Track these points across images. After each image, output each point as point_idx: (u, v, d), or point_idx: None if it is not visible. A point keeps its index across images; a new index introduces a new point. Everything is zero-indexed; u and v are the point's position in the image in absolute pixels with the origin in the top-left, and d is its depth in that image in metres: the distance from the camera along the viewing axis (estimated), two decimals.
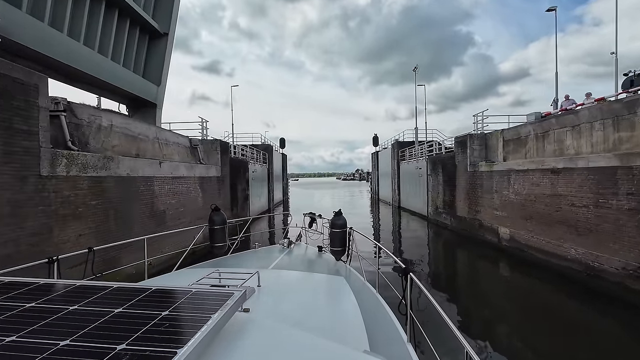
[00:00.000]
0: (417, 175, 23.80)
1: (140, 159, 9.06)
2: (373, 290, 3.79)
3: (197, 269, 4.28)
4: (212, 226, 5.09)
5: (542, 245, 10.26)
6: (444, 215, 18.18)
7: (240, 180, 19.38)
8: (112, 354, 1.07)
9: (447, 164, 17.88)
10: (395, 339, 2.66)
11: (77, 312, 1.39)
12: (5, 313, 1.37)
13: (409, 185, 26.05)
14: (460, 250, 14.42)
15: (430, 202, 20.53)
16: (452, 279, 10.83)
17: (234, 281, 2.58)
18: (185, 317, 1.37)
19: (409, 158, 26.60)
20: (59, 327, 1.26)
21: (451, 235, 16.60)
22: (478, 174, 14.35)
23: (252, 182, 22.83)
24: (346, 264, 4.77)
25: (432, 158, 20.62)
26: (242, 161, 20.37)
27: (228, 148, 16.88)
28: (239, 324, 1.50)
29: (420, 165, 23.03)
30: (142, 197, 8.79)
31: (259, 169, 25.57)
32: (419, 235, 18.78)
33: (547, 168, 9.96)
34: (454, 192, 16.80)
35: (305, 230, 6.36)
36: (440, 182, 18.76)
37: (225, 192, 16.02)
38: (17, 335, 1.19)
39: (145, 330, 1.23)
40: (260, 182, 25.93)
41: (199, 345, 1.14)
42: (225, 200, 15.98)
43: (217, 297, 1.52)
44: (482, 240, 13.89)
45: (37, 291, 1.62)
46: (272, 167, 31.56)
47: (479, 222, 14.23)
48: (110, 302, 1.49)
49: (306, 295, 3.15)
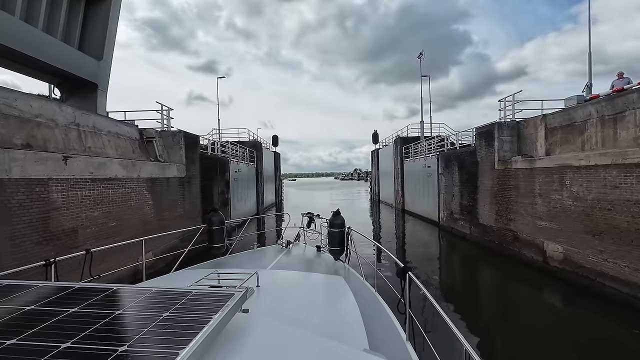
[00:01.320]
0: (424, 175, 20.72)
1: (25, 152, 5.91)
2: (372, 290, 3.78)
3: (195, 269, 4.20)
4: (210, 227, 5.10)
5: (622, 274, 7.19)
6: (461, 222, 15.10)
7: (218, 181, 16.24)
8: (113, 356, 1.08)
9: (465, 161, 14.80)
10: (395, 337, 2.64)
11: (78, 314, 1.39)
12: (6, 316, 1.36)
13: (415, 186, 22.97)
14: (485, 268, 11.32)
15: (443, 205, 17.45)
16: (477, 307, 7.86)
17: (233, 282, 2.54)
18: (186, 318, 1.35)
19: (414, 155, 23.52)
20: (60, 329, 1.26)
21: (471, 248, 13.52)
22: (511, 172, 11.27)
23: (235, 184, 19.72)
24: (345, 264, 4.73)
25: (445, 154, 17.53)
26: (219, 159, 17.23)
27: (197, 142, 13.73)
28: (238, 324, 1.50)
29: (429, 163, 19.95)
30: (23, 211, 5.65)
31: (244, 169, 22.44)
32: (429, 245, 15.72)
33: (634, 163, 6.89)
34: (475, 195, 13.72)
35: (304, 230, 6.29)
36: (456, 182, 15.68)
37: (193, 197, 12.89)
38: (18, 338, 1.19)
39: (146, 331, 1.23)
40: (246, 183, 22.80)
41: (200, 346, 1.14)
42: (193, 206, 12.85)
43: (217, 298, 1.52)
44: (517, 258, 10.83)
45: (36, 294, 1.61)
46: (262, 166, 28.41)
47: (513, 234, 11.16)
48: (110, 304, 1.50)
49: (305, 295, 3.14)
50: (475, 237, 13.76)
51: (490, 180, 12.48)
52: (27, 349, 1.12)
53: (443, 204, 17.44)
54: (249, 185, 23.87)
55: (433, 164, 19.08)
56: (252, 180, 25.17)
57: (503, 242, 11.72)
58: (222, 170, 17.03)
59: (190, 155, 12.72)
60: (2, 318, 1.35)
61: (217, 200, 15.89)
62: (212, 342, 1.26)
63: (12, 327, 1.27)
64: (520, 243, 10.84)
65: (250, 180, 24.73)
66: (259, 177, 27.32)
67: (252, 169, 25.43)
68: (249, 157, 25.27)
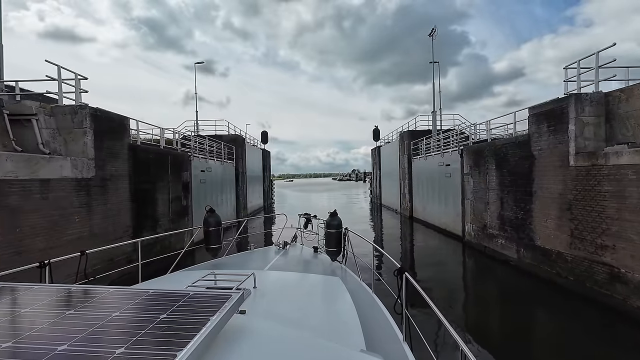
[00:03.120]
0: (441, 175, 16.53)
1: None
2: (369, 290, 3.71)
3: (192, 271, 4.14)
4: (207, 228, 5.00)
5: None
6: (502, 240, 10.90)
7: (168, 184, 11.95)
8: (110, 358, 1.07)
9: (508, 156, 10.61)
10: (391, 338, 2.65)
11: (74, 317, 1.37)
12: (1, 319, 1.35)
13: (427, 189, 18.77)
14: (553, 319, 7.03)
15: (470, 216, 13.25)
16: None
17: (229, 283, 2.46)
18: (183, 320, 1.34)
19: (426, 152, 19.32)
20: (56, 331, 1.25)
21: (520, 280, 9.33)
22: (603, 172, 7.09)
23: (201, 187, 15.44)
24: (342, 265, 4.69)
25: (473, 149, 13.33)
26: (172, 155, 12.89)
27: (124, 128, 9.42)
28: (236, 326, 1.49)
29: (448, 160, 15.76)
30: None
31: (216, 168, 18.15)
32: (450, 268, 11.59)
33: None
34: (528, 204, 9.54)
35: (301, 231, 6.23)
36: (493, 184, 11.49)
37: (114, 207, 8.60)
38: (14, 341, 1.17)
39: (143, 333, 1.22)
40: (219, 186, 18.52)
41: (197, 348, 1.13)
42: (114, 221, 8.56)
43: (215, 300, 1.51)
44: (618, 309, 6.65)
45: (32, 296, 1.60)
46: (244, 165, 24.14)
47: (609, 270, 6.97)
48: (107, 306, 1.48)
49: (302, 296, 3.14)
50: (528, 265, 9.56)
51: (560, 183, 8.28)
52: (23, 352, 1.11)
53: (471, 213, 13.23)
54: (224, 188, 19.58)
55: (454, 162, 14.89)
56: (229, 182, 20.87)
57: (587, 279, 7.51)
58: (176, 169, 12.73)
59: (109, 145, 8.43)
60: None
61: (165, 209, 11.60)
62: (209, 343, 1.25)
63: (7, 330, 1.25)
64: (625, 286, 6.64)
65: (227, 181, 20.44)
66: (241, 178, 23.03)
67: (229, 169, 21.13)
68: (227, 154, 21.01)
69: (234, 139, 22.90)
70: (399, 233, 19.56)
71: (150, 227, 10.47)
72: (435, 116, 20.73)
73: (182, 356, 1.06)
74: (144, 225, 10.14)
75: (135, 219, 9.68)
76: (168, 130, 13.81)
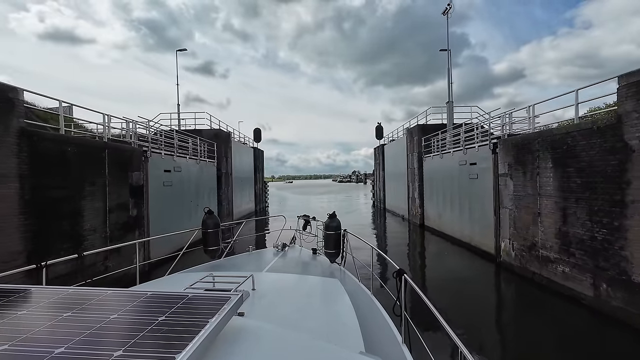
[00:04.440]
0: (463, 176, 13.42)
1: None
2: (367, 292, 3.69)
3: (190, 272, 4.03)
4: (205, 229, 4.91)
5: None
6: (566, 268, 7.74)
7: (100, 188, 8.80)
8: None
9: (577, 150, 7.46)
10: (390, 340, 2.64)
11: (72, 319, 1.35)
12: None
13: (443, 193, 15.64)
14: None
15: (510, 230, 10.10)
16: None
17: (228, 285, 2.44)
18: (182, 322, 1.32)
19: (441, 148, 16.20)
20: (53, 334, 1.23)
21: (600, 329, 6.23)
22: None
23: (164, 191, 12.27)
24: (340, 266, 4.65)
25: (513, 141, 10.16)
26: (110, 148, 9.68)
27: (9, 103, 6.26)
28: (234, 328, 1.47)
29: (473, 157, 12.62)
30: None
31: (190, 167, 15.02)
32: (481, 297, 8.60)
33: None
34: (620, 218, 6.42)
35: (300, 233, 6.20)
36: (548, 189, 8.34)
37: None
38: (10, 344, 1.15)
39: (142, 336, 1.20)
40: (192, 189, 15.37)
41: (196, 350, 1.11)
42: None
43: (214, 302, 1.49)
44: None
45: (29, 298, 1.57)
46: (230, 165, 21.05)
47: None
48: (105, 308, 1.45)
49: (301, 298, 3.12)
50: (614, 309, 6.41)
51: None
52: (20, 354, 1.09)
53: (510, 226, 10.08)
54: (201, 192, 16.44)
55: (483, 159, 11.75)
56: (208, 185, 17.74)
57: None
58: (120, 168, 9.58)
59: None
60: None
61: (98, 222, 8.44)
62: (208, 346, 1.23)
63: (4, 333, 1.23)
64: None
65: (206, 184, 17.30)
66: (224, 180, 19.90)
67: (209, 169, 18.00)
68: (207, 151, 17.90)
69: (216, 134, 19.75)
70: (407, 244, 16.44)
71: (67, 250, 7.33)
72: (451, 107, 17.60)
73: (180, 359, 1.05)
74: (52, 247, 7.00)
75: (33, 239, 6.54)
76: (116, 118, 10.66)
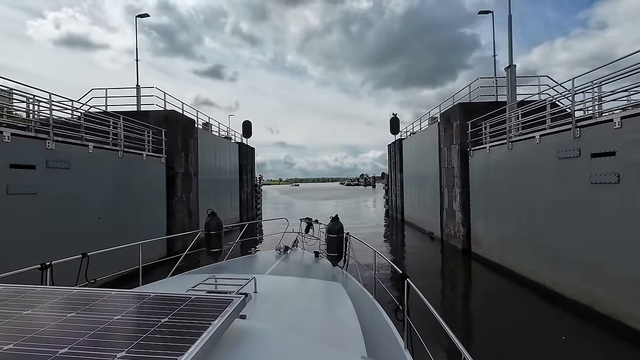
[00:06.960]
0: (572, 177, 7.42)
1: None
2: (370, 296, 3.67)
3: (193, 274, 4.07)
4: (208, 231, 4.93)
5: None
6: None
7: None
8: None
9: None
10: (393, 345, 2.61)
11: (75, 320, 1.33)
12: (2, 321, 1.32)
13: (514, 205, 9.63)
14: None
15: None
16: None
17: (230, 287, 2.43)
18: (184, 324, 1.29)
19: (509, 134, 10.19)
20: (57, 334, 1.21)
21: None
22: None
23: (24, 202, 6.58)
24: (343, 270, 4.66)
25: None
26: None
27: None
28: (236, 330, 1.46)
29: (598, 142, 6.63)
30: None
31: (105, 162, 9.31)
32: None
33: None
34: None
35: (302, 236, 6.19)
36: None
37: None
38: (15, 344, 1.14)
39: (145, 337, 1.18)
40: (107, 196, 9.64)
41: (199, 353, 1.09)
42: None
43: (216, 304, 1.48)
44: None
45: (33, 298, 1.57)
46: (195, 164, 15.36)
47: None
48: (109, 309, 1.45)
49: (303, 301, 3.12)
50: None
51: None
52: (24, 354, 1.08)
53: None
54: (131, 201, 10.68)
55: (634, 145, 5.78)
56: (150, 190, 11.97)
57: None
58: None
59: None
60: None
61: None
62: (211, 348, 1.20)
63: (9, 332, 1.21)
64: None
65: (144, 189, 11.55)
66: (182, 183, 14.09)
67: (154, 167, 12.26)
68: (152, 143, 12.21)
69: (166, 117, 13.84)
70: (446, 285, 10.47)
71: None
72: (514, 73, 11.56)
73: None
74: None
75: None
76: None
